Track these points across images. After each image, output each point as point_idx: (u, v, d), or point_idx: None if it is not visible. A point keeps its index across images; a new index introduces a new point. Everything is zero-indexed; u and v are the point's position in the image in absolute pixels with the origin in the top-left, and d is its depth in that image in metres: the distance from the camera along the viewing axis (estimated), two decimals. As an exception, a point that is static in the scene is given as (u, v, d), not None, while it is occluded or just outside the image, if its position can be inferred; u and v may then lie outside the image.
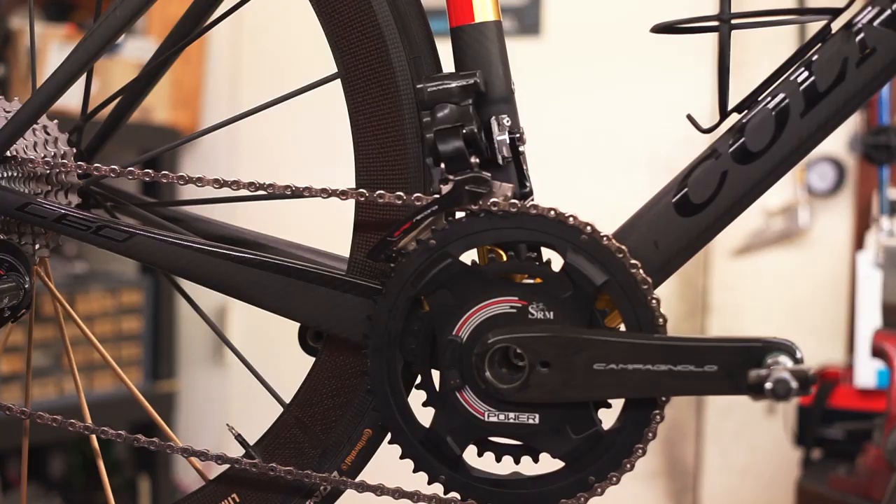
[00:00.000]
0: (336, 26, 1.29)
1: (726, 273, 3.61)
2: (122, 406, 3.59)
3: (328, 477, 1.30)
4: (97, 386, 3.65)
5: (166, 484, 4.02)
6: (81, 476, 4.03)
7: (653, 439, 1.22)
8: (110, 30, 1.31)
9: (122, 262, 4.04)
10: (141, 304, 3.88)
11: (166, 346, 4.00)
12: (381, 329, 1.25)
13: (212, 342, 4.25)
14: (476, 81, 1.23)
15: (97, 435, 1.38)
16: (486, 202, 1.21)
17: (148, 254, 1.30)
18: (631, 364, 1.18)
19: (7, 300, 1.31)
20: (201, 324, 4.19)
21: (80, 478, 4.02)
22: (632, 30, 3.66)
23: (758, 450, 3.66)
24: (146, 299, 3.91)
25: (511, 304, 1.21)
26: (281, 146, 3.82)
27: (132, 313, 3.82)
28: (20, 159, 1.35)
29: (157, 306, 3.96)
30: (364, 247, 1.30)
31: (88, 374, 3.61)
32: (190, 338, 4.24)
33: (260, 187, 1.28)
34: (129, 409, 3.60)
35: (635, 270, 1.19)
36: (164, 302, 4.00)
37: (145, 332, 3.86)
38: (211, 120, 4.18)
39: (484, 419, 1.23)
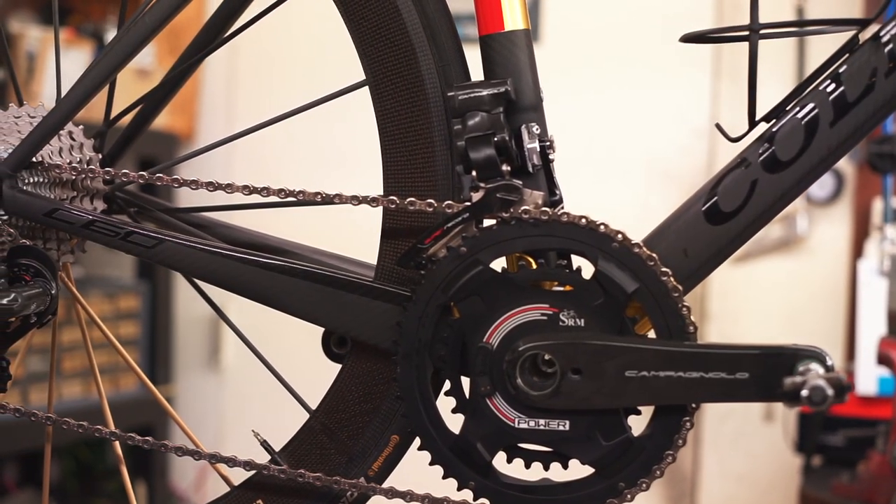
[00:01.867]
0: (364, 33, 1.29)
1: (725, 280, 3.61)
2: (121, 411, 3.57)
3: (358, 483, 1.30)
4: (95, 391, 3.64)
5: (162, 489, 4.01)
6: (75, 481, 4.02)
7: (683, 446, 1.22)
8: (138, 36, 1.31)
9: (118, 267, 4.04)
10: (138, 309, 3.87)
11: (163, 351, 4.00)
12: (410, 336, 1.25)
13: (208, 347, 4.24)
14: (507, 90, 1.23)
15: (123, 441, 1.37)
16: (517, 210, 1.21)
17: (177, 260, 1.30)
18: (662, 371, 1.18)
19: (35, 306, 1.31)
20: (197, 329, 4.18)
21: (73, 483, 4.01)
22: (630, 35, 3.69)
23: (755, 456, 3.67)
24: (143, 304, 3.90)
25: (542, 311, 1.22)
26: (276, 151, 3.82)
27: (129, 318, 3.82)
28: (47, 165, 1.35)
29: (153, 311, 3.96)
30: (392, 253, 1.30)
31: (87, 380, 3.61)
32: (186, 343, 4.24)
33: (290, 194, 1.28)
34: (128, 414, 3.59)
35: (666, 278, 1.19)
36: (161, 307, 4.00)
37: (142, 337, 3.86)
38: (207, 125, 4.18)
39: (514, 426, 1.24)
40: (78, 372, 3.59)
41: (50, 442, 1.53)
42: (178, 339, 4.19)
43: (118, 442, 1.43)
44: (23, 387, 3.38)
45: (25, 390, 3.38)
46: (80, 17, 3.98)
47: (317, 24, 3.67)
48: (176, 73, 1.53)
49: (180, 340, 4.21)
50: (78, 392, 3.58)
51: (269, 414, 4.00)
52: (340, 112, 1.36)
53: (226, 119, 4.15)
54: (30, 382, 3.41)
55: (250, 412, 4.11)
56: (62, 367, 3.55)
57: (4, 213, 1.33)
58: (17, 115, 1.40)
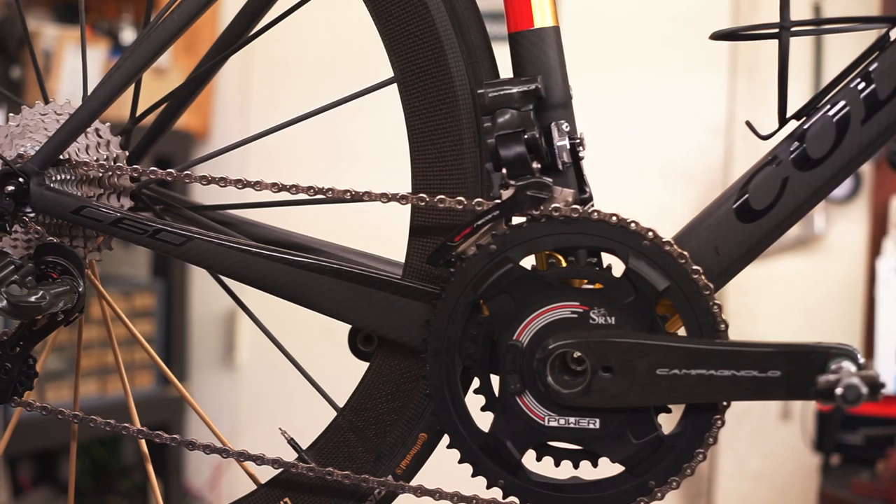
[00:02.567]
0: (392, 30, 1.29)
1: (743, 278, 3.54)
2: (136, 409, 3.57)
3: (386, 481, 1.30)
4: (110, 389, 3.64)
5: (177, 487, 4.02)
6: (90, 480, 4.01)
7: (713, 444, 1.22)
8: (167, 32, 1.31)
9: (134, 265, 4.04)
10: (153, 307, 3.87)
11: (177, 350, 4.00)
12: (440, 333, 1.25)
13: (222, 345, 4.24)
14: (538, 87, 1.23)
15: (150, 439, 1.37)
16: (547, 207, 1.21)
17: (205, 257, 1.30)
18: (694, 370, 1.18)
19: (62, 304, 1.31)
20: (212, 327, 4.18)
21: (88, 482, 4.01)
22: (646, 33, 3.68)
23: (772, 455, 3.66)
24: (158, 302, 3.90)
25: (572, 309, 1.22)
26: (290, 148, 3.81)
27: (144, 317, 3.82)
28: (74, 162, 1.35)
29: (168, 310, 3.96)
30: (420, 251, 1.30)
31: (102, 378, 3.61)
32: (200, 341, 4.24)
33: (319, 191, 1.28)
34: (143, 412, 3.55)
35: (697, 276, 1.19)
36: (176, 305, 4.00)
37: (157, 336, 3.86)
38: (222, 124, 4.18)
39: (544, 424, 1.23)
40: (93, 370, 3.59)
41: (75, 440, 1.53)
42: (192, 338, 4.19)
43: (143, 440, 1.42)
44: (39, 385, 3.37)
45: (41, 388, 3.38)
46: (95, 15, 3.98)
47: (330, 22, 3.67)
48: (200, 71, 1.53)
49: (195, 339, 4.21)
50: (93, 390, 3.58)
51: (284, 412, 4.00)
52: (354, 110, 1.35)
53: (240, 118, 4.15)
54: (46, 381, 3.41)
55: (265, 410, 4.11)
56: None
57: (31, 211, 1.33)
58: (43, 112, 1.40)
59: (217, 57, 1.50)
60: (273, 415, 4.01)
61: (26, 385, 1.38)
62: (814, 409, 3.10)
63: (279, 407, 4.02)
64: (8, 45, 3.41)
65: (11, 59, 3.44)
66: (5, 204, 1.32)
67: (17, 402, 1.38)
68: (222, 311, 4.20)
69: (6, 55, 3.41)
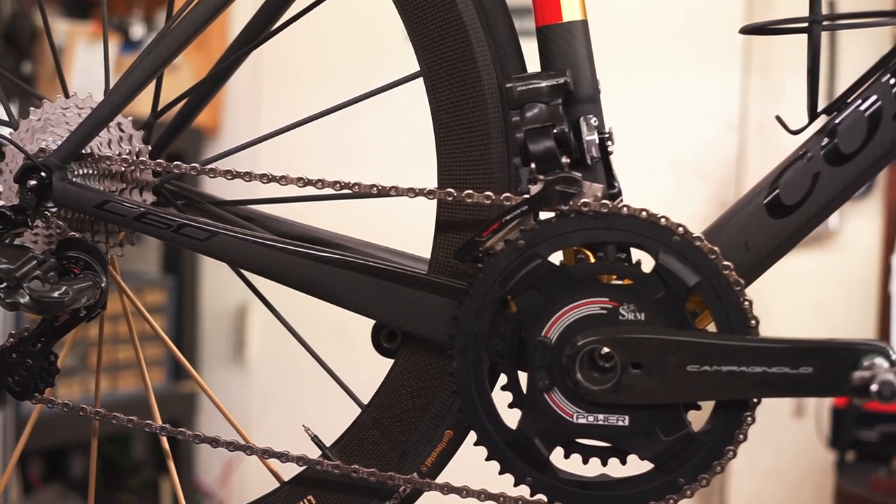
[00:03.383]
0: (419, 24, 1.28)
1: (756, 274, 3.56)
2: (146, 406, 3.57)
3: (413, 479, 1.29)
4: (121, 386, 3.63)
5: (188, 484, 4.01)
6: (99, 477, 4.01)
7: (743, 441, 1.21)
8: (192, 26, 1.30)
9: (144, 262, 4.03)
10: (164, 303, 3.87)
11: (188, 346, 3.99)
12: (467, 330, 1.24)
13: (233, 342, 4.23)
14: (567, 81, 1.22)
15: (175, 436, 1.36)
16: (576, 203, 1.20)
17: (230, 253, 1.29)
18: (725, 366, 1.17)
19: (85, 300, 1.29)
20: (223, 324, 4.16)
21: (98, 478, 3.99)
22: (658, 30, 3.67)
23: (785, 451, 3.65)
24: (169, 299, 3.90)
25: (601, 305, 1.20)
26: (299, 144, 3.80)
27: (155, 313, 3.81)
28: (97, 156, 1.34)
29: (179, 306, 3.95)
30: (446, 247, 1.29)
31: (112, 375, 3.60)
32: (211, 338, 4.23)
33: (345, 186, 1.27)
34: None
35: (728, 272, 1.18)
36: (187, 301, 3.99)
37: (168, 332, 3.85)
38: (232, 119, 4.17)
39: (573, 421, 1.22)
40: (104, 367, 3.58)
41: (96, 437, 1.52)
42: (203, 334, 4.18)
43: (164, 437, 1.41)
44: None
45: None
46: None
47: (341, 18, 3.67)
48: (221, 67, 1.52)
49: (205, 335, 4.20)
50: (104, 387, 3.57)
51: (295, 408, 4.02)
52: (364, 106, 1.34)
53: (250, 114, 4.14)
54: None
55: (275, 407, 4.10)
56: (88, 362, 3.53)
57: (53, 206, 1.32)
58: (64, 106, 1.39)
59: (238, 52, 1.48)
60: (284, 411, 4.00)
61: (47, 382, 1.37)
62: (829, 406, 3.09)
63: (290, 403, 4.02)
64: (19, 41, 3.40)
65: (23, 54, 3.43)
66: (27, 199, 1.31)
67: (38, 399, 1.37)
68: (233, 308, 4.20)
69: (18, 50, 3.41)
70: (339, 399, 1.37)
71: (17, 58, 3.39)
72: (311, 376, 1.40)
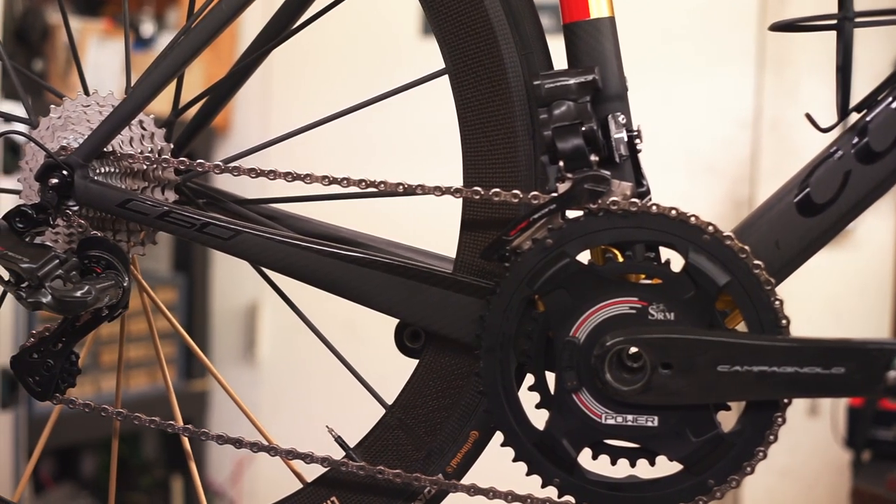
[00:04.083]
0: (444, 21, 1.27)
1: (769, 273, 3.55)
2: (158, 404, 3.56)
3: (439, 480, 1.28)
4: (133, 385, 3.62)
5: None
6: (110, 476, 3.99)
7: (774, 442, 1.20)
8: (215, 23, 1.29)
9: (155, 260, 4.02)
10: (174, 301, 3.86)
11: (199, 345, 3.95)
12: (494, 330, 1.22)
13: (243, 341, 4.22)
14: (595, 78, 1.21)
15: (196, 437, 1.35)
16: (605, 201, 1.18)
17: (254, 252, 1.28)
18: (756, 366, 1.16)
19: (107, 299, 1.28)
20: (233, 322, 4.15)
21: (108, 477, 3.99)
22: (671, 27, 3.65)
23: (799, 451, 3.63)
24: (180, 297, 3.89)
25: (630, 304, 1.19)
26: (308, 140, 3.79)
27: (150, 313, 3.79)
28: (119, 154, 1.32)
29: (190, 304, 3.94)
30: (472, 245, 1.28)
31: (125, 373, 3.59)
32: (222, 336, 4.22)
33: (371, 184, 1.26)
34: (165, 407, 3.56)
35: (758, 271, 1.17)
36: (198, 300, 3.98)
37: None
38: (243, 115, 4.16)
39: (601, 421, 1.21)
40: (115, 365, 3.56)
41: (117, 437, 1.51)
42: (213, 333, 4.17)
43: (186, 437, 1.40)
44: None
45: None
46: (116, 7, 3.96)
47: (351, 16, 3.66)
48: (242, 65, 1.51)
49: (216, 334, 4.19)
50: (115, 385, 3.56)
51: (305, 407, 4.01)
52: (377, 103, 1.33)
53: (260, 111, 4.13)
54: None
55: (285, 406, 4.10)
56: (100, 361, 3.52)
57: (75, 204, 1.31)
58: (85, 104, 1.37)
59: (258, 51, 1.47)
60: (294, 410, 3.99)
61: (68, 382, 1.36)
62: (844, 405, 3.07)
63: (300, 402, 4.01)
64: (30, 39, 3.39)
65: (34, 52, 3.42)
66: (49, 197, 1.30)
67: (58, 399, 1.36)
68: (243, 306, 4.19)
69: (28, 48, 3.40)
70: (350, 397, 1.36)
71: (28, 55, 3.38)
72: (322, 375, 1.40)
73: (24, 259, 1.24)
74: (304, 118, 1.36)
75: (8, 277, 1.26)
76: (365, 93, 1.33)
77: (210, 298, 4.08)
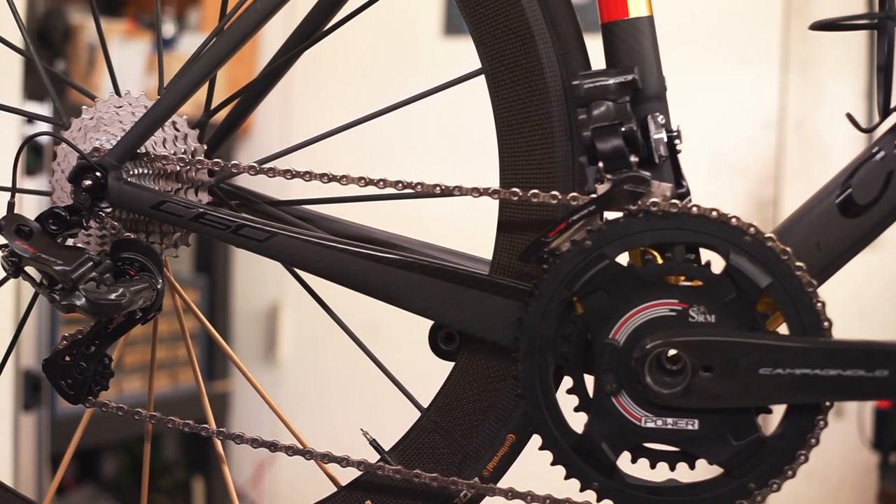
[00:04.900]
0: (481, 21, 1.26)
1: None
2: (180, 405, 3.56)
3: (476, 484, 1.27)
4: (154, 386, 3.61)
5: (220, 485, 3.99)
6: (131, 477, 4.00)
7: (816, 445, 1.19)
8: (250, 23, 1.28)
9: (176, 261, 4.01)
10: (196, 302, 3.86)
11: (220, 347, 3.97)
12: (532, 332, 1.21)
13: (264, 342, 4.22)
14: (635, 78, 1.20)
15: (230, 439, 1.34)
16: (644, 202, 1.17)
17: (289, 254, 1.27)
18: (799, 369, 1.14)
19: (141, 302, 1.27)
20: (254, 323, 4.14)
21: (129, 479, 4.00)
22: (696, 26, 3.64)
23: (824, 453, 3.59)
24: (202, 298, 3.88)
25: (671, 306, 1.18)
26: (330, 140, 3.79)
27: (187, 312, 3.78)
28: (153, 156, 1.32)
29: (212, 306, 3.94)
30: (508, 247, 1.27)
31: (146, 374, 3.58)
32: (243, 338, 4.22)
33: (407, 186, 1.25)
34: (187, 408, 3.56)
35: (800, 272, 1.15)
36: (219, 301, 3.98)
37: (200, 332, 3.84)
38: (263, 114, 4.15)
39: (641, 425, 1.20)
40: (138, 367, 3.57)
41: (149, 440, 1.50)
42: (235, 333, 4.17)
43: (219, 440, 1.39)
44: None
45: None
46: (136, 8, 3.97)
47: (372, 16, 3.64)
48: (274, 66, 1.50)
49: (237, 334, 4.19)
50: (138, 387, 3.56)
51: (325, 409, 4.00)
52: (389, 101, 1.33)
53: (281, 112, 4.12)
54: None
55: (306, 408, 4.09)
56: (123, 362, 3.52)
57: (108, 206, 1.30)
58: (118, 104, 1.37)
59: (291, 52, 1.46)
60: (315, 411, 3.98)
61: (102, 385, 1.35)
62: (871, 408, 3.06)
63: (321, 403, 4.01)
64: (52, 39, 3.39)
65: (56, 52, 3.42)
66: (82, 199, 1.29)
67: (91, 403, 1.35)
68: (264, 307, 4.18)
69: (50, 49, 3.40)
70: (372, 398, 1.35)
71: (50, 56, 3.38)
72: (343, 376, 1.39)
73: (57, 261, 1.23)
74: (325, 119, 1.35)
75: (41, 280, 1.25)
76: (386, 92, 1.32)
77: (231, 300, 4.08)
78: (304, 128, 4.12)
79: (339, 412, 3.86)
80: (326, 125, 1.37)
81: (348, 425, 1.34)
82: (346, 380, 3.68)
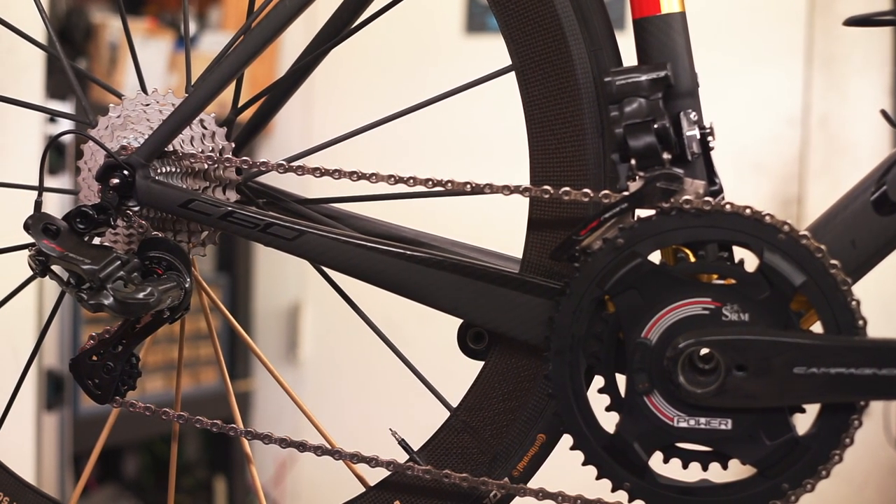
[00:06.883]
0: (511, 17, 1.25)
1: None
2: (201, 404, 3.55)
3: (506, 484, 1.26)
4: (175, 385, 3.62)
5: (241, 485, 3.99)
6: (152, 476, 4.00)
7: (850, 445, 1.17)
8: (279, 20, 1.28)
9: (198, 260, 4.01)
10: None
11: (242, 346, 3.97)
12: (564, 331, 1.20)
13: (286, 341, 4.21)
14: (667, 74, 1.19)
15: (258, 440, 1.34)
16: (677, 200, 1.16)
17: (318, 252, 1.26)
18: (833, 368, 1.13)
19: (169, 301, 1.27)
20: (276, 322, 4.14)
21: (150, 478, 4.00)
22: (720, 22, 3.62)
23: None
24: (223, 297, 3.88)
25: (703, 305, 1.17)
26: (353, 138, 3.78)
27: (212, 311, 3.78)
28: (180, 154, 1.31)
29: (233, 305, 3.94)
30: (539, 245, 1.26)
31: (168, 374, 3.58)
32: (265, 337, 4.22)
33: (437, 183, 1.24)
34: (209, 408, 3.56)
35: (835, 271, 1.14)
36: (241, 300, 3.97)
37: (222, 331, 3.83)
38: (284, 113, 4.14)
39: (673, 424, 1.19)
40: (160, 366, 3.56)
41: (176, 440, 1.49)
42: (256, 332, 4.17)
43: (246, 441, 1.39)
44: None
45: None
46: (157, 7, 3.96)
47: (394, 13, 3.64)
48: (302, 64, 1.49)
49: (259, 333, 4.19)
50: (160, 386, 3.56)
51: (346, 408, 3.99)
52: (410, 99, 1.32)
53: (303, 109, 4.12)
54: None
55: (328, 407, 4.08)
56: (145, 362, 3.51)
57: (136, 205, 1.29)
58: (145, 102, 1.36)
59: (319, 49, 1.46)
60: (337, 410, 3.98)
61: (129, 384, 1.35)
62: (898, 407, 3.04)
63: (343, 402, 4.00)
64: (74, 38, 3.39)
65: (78, 51, 3.42)
66: (109, 197, 1.28)
67: (118, 403, 1.35)
68: (286, 306, 4.18)
69: (72, 47, 3.40)
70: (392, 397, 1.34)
71: (72, 55, 3.37)
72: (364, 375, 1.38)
73: (85, 260, 1.23)
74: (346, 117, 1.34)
75: (68, 279, 1.25)
76: (407, 91, 1.31)
77: (253, 298, 4.07)
78: (325, 126, 4.13)
79: (360, 411, 3.85)
80: (347, 123, 1.36)
81: (369, 424, 1.33)
82: (367, 379, 3.67)
